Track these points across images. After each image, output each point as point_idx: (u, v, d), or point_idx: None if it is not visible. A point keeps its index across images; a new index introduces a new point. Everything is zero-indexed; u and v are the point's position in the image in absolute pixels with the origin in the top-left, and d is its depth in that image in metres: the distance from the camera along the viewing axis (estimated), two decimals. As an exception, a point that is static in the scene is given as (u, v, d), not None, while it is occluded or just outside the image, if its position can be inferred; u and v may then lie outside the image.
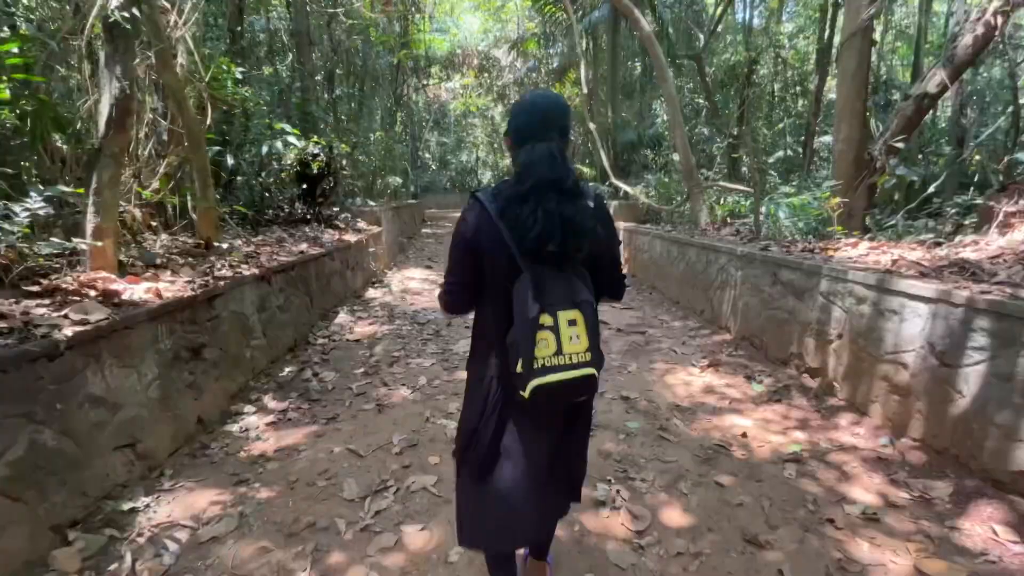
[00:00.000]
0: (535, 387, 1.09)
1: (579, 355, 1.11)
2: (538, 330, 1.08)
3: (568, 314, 1.10)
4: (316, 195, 6.62)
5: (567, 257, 1.12)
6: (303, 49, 10.22)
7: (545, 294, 1.09)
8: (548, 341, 1.09)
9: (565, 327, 1.10)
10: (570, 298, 1.11)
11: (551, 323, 1.09)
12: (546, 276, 1.11)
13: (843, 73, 5.65)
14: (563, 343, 1.09)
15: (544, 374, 1.09)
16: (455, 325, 4.91)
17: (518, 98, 1.29)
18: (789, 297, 3.45)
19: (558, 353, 1.09)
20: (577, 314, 1.11)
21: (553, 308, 1.10)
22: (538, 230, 1.08)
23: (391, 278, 7.20)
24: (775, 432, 2.73)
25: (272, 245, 4.70)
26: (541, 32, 11.66)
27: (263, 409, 2.99)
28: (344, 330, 4.57)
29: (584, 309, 1.12)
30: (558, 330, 1.09)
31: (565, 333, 1.10)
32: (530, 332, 1.08)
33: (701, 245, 4.88)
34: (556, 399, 1.15)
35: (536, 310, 1.08)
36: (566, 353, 1.09)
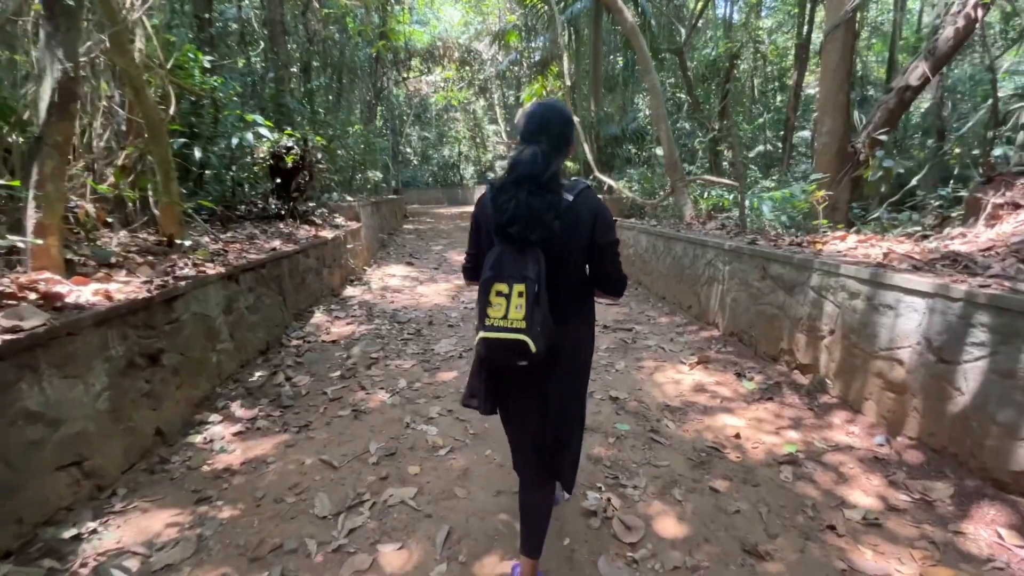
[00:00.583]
0: (480, 338, 1.33)
1: (518, 322, 1.27)
2: (492, 294, 1.30)
3: (519, 287, 1.28)
4: (291, 190, 6.36)
5: (526, 239, 1.30)
6: (277, 38, 9.88)
7: (503, 266, 1.30)
8: (501, 305, 1.29)
9: (516, 297, 1.28)
10: (521, 273, 1.29)
11: (506, 291, 1.29)
12: (508, 252, 1.32)
13: (826, 66, 5.62)
14: (510, 310, 1.28)
15: (489, 331, 1.30)
16: (436, 324, 4.75)
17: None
18: (779, 292, 3.37)
19: (504, 317, 1.28)
20: (523, 287, 1.28)
21: (511, 280, 1.29)
22: (508, 215, 1.28)
23: (371, 275, 6.98)
24: (769, 432, 2.64)
25: (242, 242, 4.46)
26: (523, 24, 11.46)
27: (230, 418, 2.80)
28: (320, 331, 4.36)
29: (528, 284, 1.28)
30: (510, 298, 1.28)
31: (514, 302, 1.28)
32: (484, 293, 1.31)
33: (688, 240, 4.80)
34: (495, 354, 1.35)
35: (490, 276, 1.30)
36: (510, 319, 1.28)
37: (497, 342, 1.30)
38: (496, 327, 1.29)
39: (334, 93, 12.67)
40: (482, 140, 27.33)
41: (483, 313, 1.31)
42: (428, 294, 5.98)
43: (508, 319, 1.28)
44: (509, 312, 1.28)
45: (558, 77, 12.05)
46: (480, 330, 1.32)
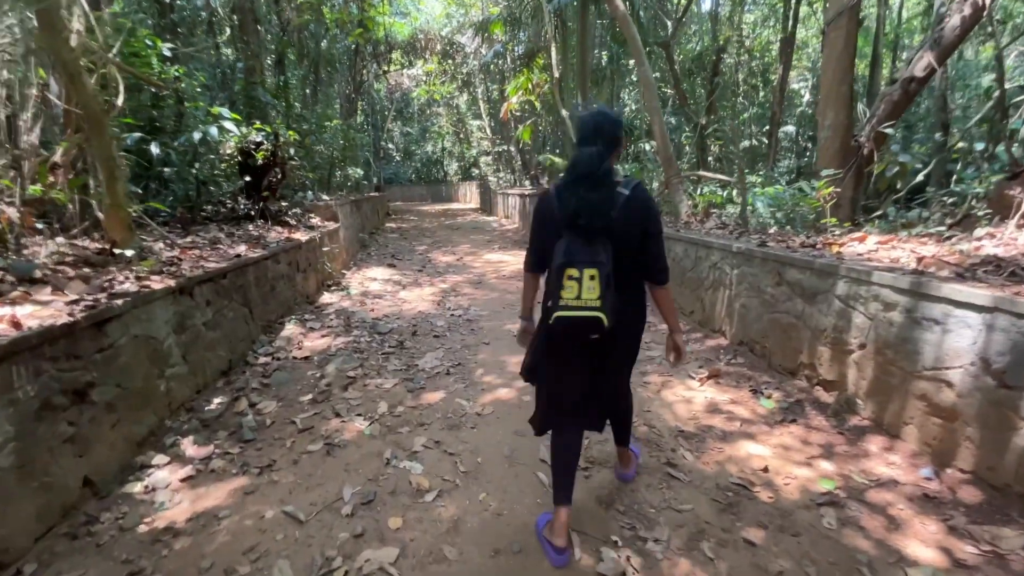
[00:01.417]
0: (556, 317, 1.52)
1: (592, 300, 1.48)
2: (565, 278, 1.50)
3: (590, 271, 1.48)
4: (261, 188, 5.89)
5: (591, 229, 1.51)
6: (247, 27, 9.30)
7: (574, 253, 1.50)
8: (573, 288, 1.49)
9: (587, 280, 1.48)
10: (591, 258, 1.49)
11: (577, 275, 1.49)
12: (577, 241, 1.51)
13: (828, 57, 5.36)
14: (583, 291, 1.48)
15: (564, 310, 1.50)
16: (421, 334, 4.37)
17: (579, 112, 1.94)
18: (797, 300, 3.08)
19: (578, 297, 1.49)
20: (595, 271, 1.48)
21: (580, 265, 1.49)
22: (572, 208, 1.51)
23: (350, 279, 6.56)
24: (799, 463, 2.34)
25: (203, 248, 4.02)
26: (507, 14, 11.06)
27: (179, 458, 2.40)
28: (292, 345, 3.95)
29: (600, 268, 1.48)
30: (581, 281, 1.48)
31: (586, 284, 1.48)
32: (557, 277, 1.51)
33: (689, 240, 4.49)
34: (571, 330, 1.55)
35: (562, 261, 1.50)
36: (584, 299, 1.48)
37: (573, 319, 1.52)
38: (571, 306, 1.51)
39: (310, 86, 12.11)
40: (466, 136, 26.79)
41: (556, 295, 1.53)
42: (411, 300, 5.59)
43: (582, 299, 1.49)
44: (582, 293, 1.49)
45: (544, 69, 11.68)
46: (554, 309, 1.53)
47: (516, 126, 16.73)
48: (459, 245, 10.19)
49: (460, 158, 29.42)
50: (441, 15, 21.00)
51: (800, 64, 20.61)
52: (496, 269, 7.39)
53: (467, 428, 2.75)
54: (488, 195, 19.69)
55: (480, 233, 12.52)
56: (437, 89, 20.74)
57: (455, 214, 19.48)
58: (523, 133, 12.35)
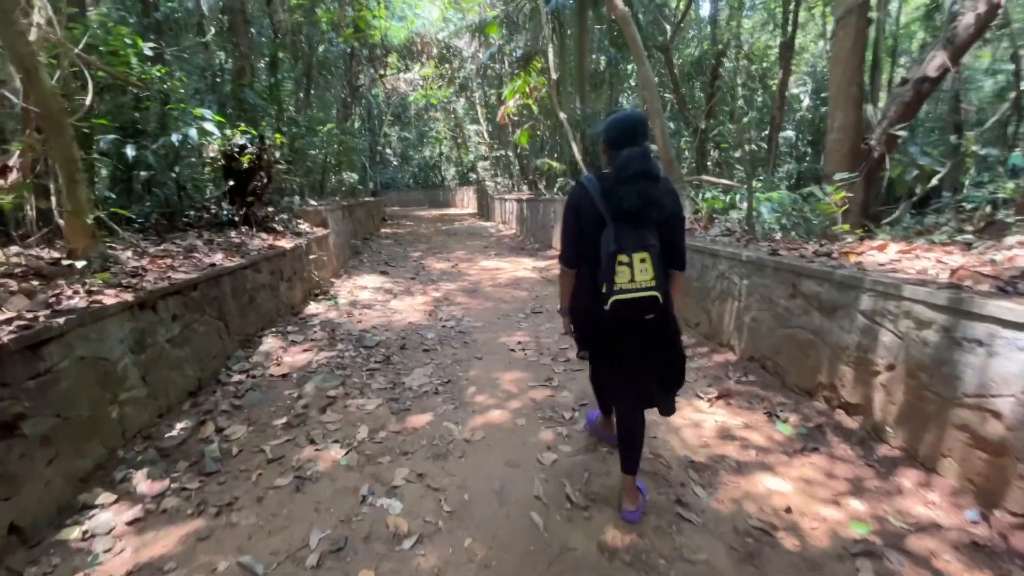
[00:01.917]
0: (613, 301, 1.68)
1: (647, 282, 1.66)
2: (616, 263, 1.66)
3: (640, 255, 1.65)
4: (246, 193, 5.64)
5: (642, 218, 1.67)
6: (237, 28, 9.09)
7: (623, 240, 1.66)
8: (625, 272, 1.66)
9: (637, 263, 1.65)
10: (641, 243, 1.66)
11: (627, 260, 1.66)
12: (625, 229, 1.67)
13: (837, 55, 5.15)
14: (635, 274, 1.66)
15: (620, 293, 1.66)
16: (410, 348, 4.11)
17: (610, 115, 1.86)
18: (814, 314, 2.83)
19: (631, 280, 1.66)
20: (646, 255, 1.66)
21: (629, 250, 1.65)
22: (631, 201, 1.65)
23: (339, 288, 6.30)
24: (825, 501, 2.08)
25: (176, 257, 3.76)
26: (504, 16, 10.86)
27: (128, 496, 2.13)
28: (270, 361, 3.69)
29: (651, 251, 1.67)
30: (632, 265, 1.65)
31: (637, 267, 1.65)
32: (610, 264, 1.66)
33: (694, 248, 4.25)
34: (629, 311, 1.70)
35: (614, 248, 1.65)
36: (637, 280, 1.66)
37: (628, 301, 1.65)
38: (625, 289, 1.64)
39: (303, 89, 11.89)
40: (463, 140, 26.62)
41: (610, 281, 1.65)
42: (402, 310, 5.33)
43: (635, 281, 1.64)
44: (635, 276, 1.64)
45: (541, 73, 11.49)
46: (610, 295, 1.66)
47: (514, 130, 16.53)
48: (454, 251, 9.94)
49: (458, 163, 29.25)
50: (438, 19, 20.87)
51: (798, 69, 20.52)
52: (492, 277, 7.14)
53: (454, 457, 2.49)
54: (486, 200, 19.48)
55: (477, 239, 12.28)
56: (434, 93, 20.55)
57: (452, 219, 19.25)
58: (521, 137, 12.14)
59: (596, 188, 1.75)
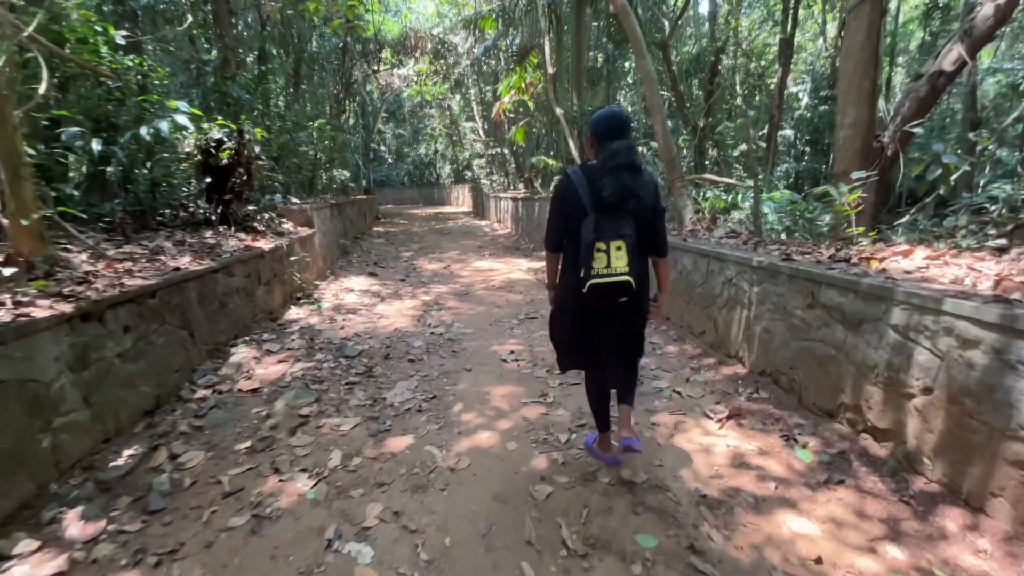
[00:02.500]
0: (590, 285, 1.84)
1: (621, 268, 1.83)
2: (594, 251, 1.82)
3: (616, 243, 1.82)
4: (225, 190, 5.33)
5: (620, 209, 1.85)
6: (221, 18, 8.75)
7: (601, 229, 1.82)
8: (602, 259, 1.82)
9: (613, 251, 1.82)
10: (618, 233, 1.83)
11: (604, 247, 1.82)
12: (604, 219, 1.84)
13: (848, 48, 4.89)
14: (611, 260, 1.82)
15: (596, 278, 1.83)
16: (394, 358, 3.83)
17: (597, 111, 2.03)
18: (836, 327, 2.57)
19: (607, 266, 1.82)
20: (622, 243, 1.83)
21: (606, 239, 1.82)
22: (610, 191, 1.81)
23: (324, 291, 5.99)
24: (858, 547, 1.81)
25: (139, 260, 3.46)
26: (500, 10, 10.55)
27: (53, 542, 1.84)
28: (240, 374, 3.39)
29: (627, 240, 1.84)
30: (609, 252, 1.82)
31: (614, 254, 1.82)
32: (588, 251, 1.83)
33: (698, 251, 3.98)
34: (604, 295, 1.87)
35: (592, 237, 1.82)
36: (613, 267, 1.82)
37: (605, 285, 1.84)
38: (601, 274, 1.83)
39: (291, 84, 11.54)
40: (459, 138, 26.27)
41: (588, 266, 1.84)
42: (389, 314, 5.04)
43: (611, 267, 1.82)
44: (611, 263, 1.82)
45: (537, 68, 11.19)
46: (587, 279, 1.84)
47: (509, 127, 16.22)
48: (447, 251, 9.65)
49: (453, 160, 28.89)
50: (432, 14, 20.51)
51: (796, 68, 20.32)
52: (485, 279, 6.85)
53: (435, 490, 2.21)
54: (481, 198, 19.18)
55: (471, 238, 11.99)
56: (429, 90, 20.21)
57: (446, 218, 18.94)
58: (516, 134, 11.85)
59: (580, 179, 1.92)
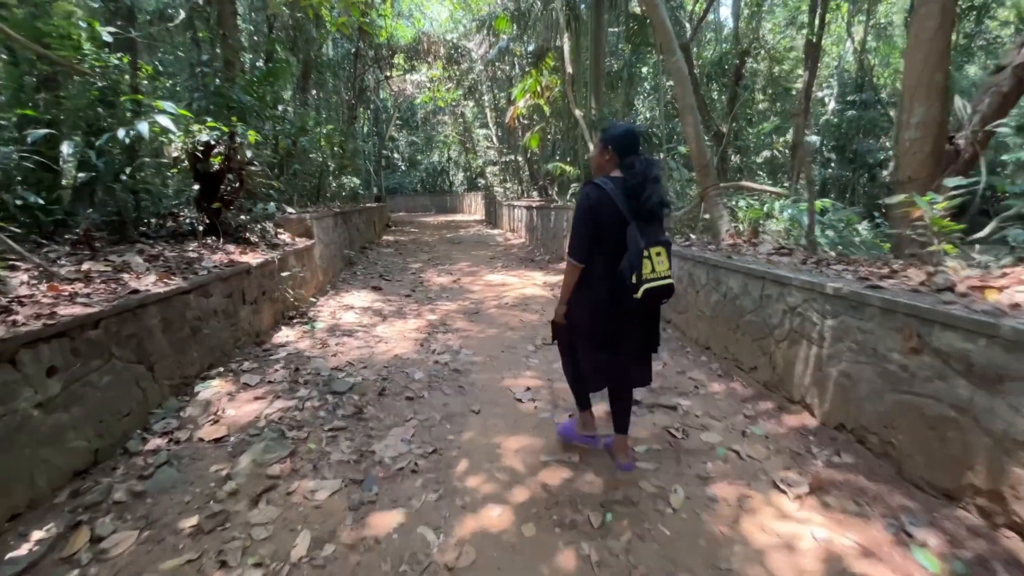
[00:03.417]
0: (645, 290, 1.96)
1: (664, 271, 2.01)
2: (643, 258, 1.95)
3: (656, 248, 1.99)
4: (215, 198, 4.87)
5: (656, 217, 2.04)
6: (225, 18, 8.42)
7: (648, 236, 1.98)
8: (647, 264, 1.97)
9: (654, 256, 1.98)
10: (657, 239, 2.00)
11: (647, 254, 1.97)
12: (645, 227, 2.00)
13: (917, 37, 4.25)
14: (655, 265, 1.99)
15: (649, 282, 1.97)
16: (390, 395, 3.28)
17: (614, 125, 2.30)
18: (957, 381, 1.95)
19: (652, 271, 1.98)
20: (662, 248, 2.01)
21: (650, 245, 1.97)
22: (655, 201, 1.98)
23: (321, 308, 5.49)
24: None
25: (97, 280, 2.98)
26: (515, 10, 10.08)
27: None
28: (206, 415, 2.86)
29: (665, 245, 2.03)
30: (651, 258, 1.97)
31: (655, 260, 1.98)
32: (639, 257, 1.95)
33: (748, 272, 3.38)
34: (654, 297, 2.01)
35: (643, 243, 1.96)
36: (658, 271, 1.99)
37: (655, 289, 1.98)
38: (650, 279, 1.97)
39: (299, 88, 11.19)
40: (472, 145, 25.90)
41: (639, 272, 1.95)
42: (389, 337, 4.50)
43: (656, 272, 1.98)
44: (655, 267, 1.98)
45: (554, 71, 10.68)
46: (640, 284, 1.95)
47: (523, 134, 15.75)
48: (458, 263, 9.12)
49: (466, 168, 28.54)
50: (446, 20, 20.21)
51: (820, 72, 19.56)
52: (497, 295, 6.30)
53: (428, 604, 1.64)
54: (493, 206, 18.71)
55: (483, 248, 11.46)
56: (442, 96, 19.87)
57: (458, 226, 18.49)
58: (531, 140, 11.34)
59: (614, 190, 2.02)
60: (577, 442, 2.53)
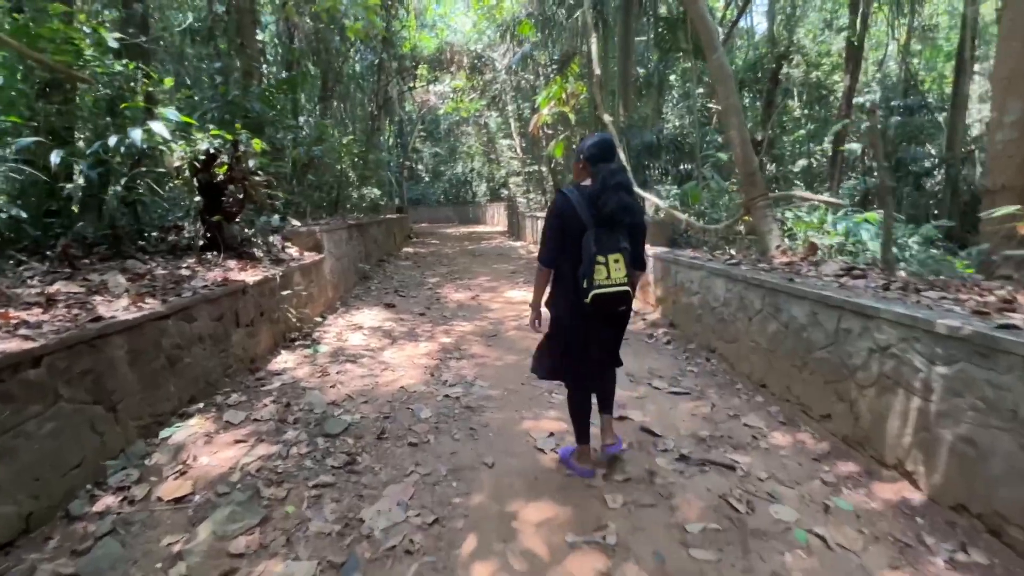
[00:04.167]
0: (593, 295, 2.01)
1: (620, 279, 2.03)
2: (596, 263, 2.01)
3: (614, 255, 2.02)
4: (217, 210, 4.56)
5: (617, 224, 2.05)
6: (245, 29, 8.29)
7: (601, 243, 2.02)
8: (602, 271, 2.01)
9: (612, 263, 2.02)
10: (616, 246, 2.04)
11: (603, 260, 2.01)
12: (603, 234, 2.04)
13: (1012, 25, 3.64)
14: (610, 272, 2.01)
15: (599, 288, 2.00)
16: (391, 438, 2.82)
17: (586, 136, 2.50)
18: None
19: (608, 277, 2.01)
20: (619, 255, 2.03)
21: (606, 252, 2.01)
22: (611, 208, 2.01)
23: (328, 328, 5.10)
24: None
25: (63, 303, 2.62)
26: (539, 14, 9.70)
27: None
28: (174, 464, 2.45)
29: (624, 253, 2.05)
30: (608, 264, 2.01)
31: (612, 267, 2.02)
32: (591, 264, 2.01)
33: (819, 298, 2.80)
34: (605, 304, 2.05)
35: (594, 251, 2.01)
36: (613, 278, 2.02)
37: (607, 295, 2.01)
38: (603, 285, 2.00)
39: (320, 98, 11.05)
40: (496, 155, 25.65)
41: (590, 278, 2.01)
42: (397, 364, 4.06)
43: (611, 279, 2.01)
44: (610, 274, 2.01)
45: (580, 77, 10.24)
46: (591, 289, 2.00)
47: (547, 143, 15.34)
48: (477, 277, 8.69)
49: (489, 178, 28.31)
50: (471, 31, 20.08)
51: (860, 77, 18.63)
52: (518, 314, 5.81)
53: None
54: (516, 217, 18.30)
55: (504, 261, 11.02)
56: (465, 106, 19.67)
57: (480, 237, 18.13)
58: (555, 149, 10.89)
59: (577, 197, 2.11)
60: (573, 472, 2.47)
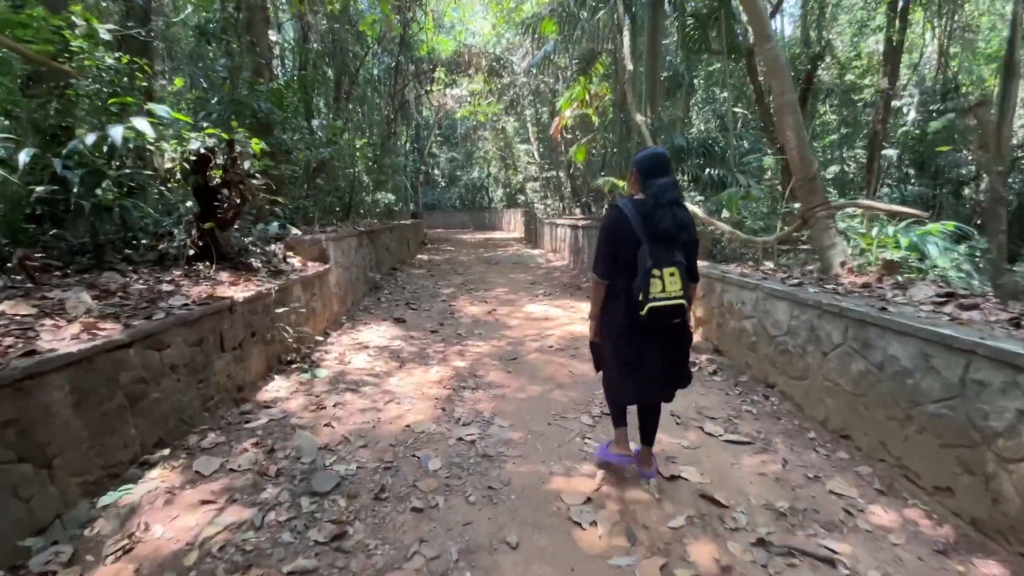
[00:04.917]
0: (649, 308, 2.01)
1: (676, 292, 2.03)
2: (651, 277, 2.01)
3: (669, 269, 2.02)
4: (206, 217, 4.12)
5: (673, 239, 2.06)
6: (256, 26, 7.96)
7: (657, 257, 2.02)
8: (657, 284, 2.01)
9: (667, 277, 2.02)
10: (671, 260, 2.04)
11: (659, 274, 2.01)
12: (658, 248, 2.04)
13: None
14: (666, 286, 2.01)
15: (655, 301, 2.01)
16: (392, 494, 2.30)
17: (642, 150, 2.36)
18: None
19: (663, 291, 2.01)
20: (675, 269, 2.03)
21: (660, 266, 2.02)
22: (667, 224, 2.02)
23: (330, 347, 4.62)
24: None
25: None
26: (562, 10, 9.22)
27: None
28: (118, 536, 1.95)
29: (679, 267, 2.04)
30: (663, 278, 2.01)
31: (667, 280, 2.01)
32: (646, 277, 2.02)
33: (934, 337, 2.20)
34: (661, 317, 2.03)
35: (650, 264, 2.01)
36: (668, 291, 2.02)
37: (662, 308, 2.01)
38: (658, 298, 2.01)
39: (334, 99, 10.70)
40: (512, 161, 25.22)
41: (646, 291, 2.01)
42: (404, 394, 3.54)
43: (666, 291, 2.01)
44: (665, 287, 2.01)
45: (605, 78, 9.70)
46: (646, 302, 2.00)
47: (566, 148, 14.84)
48: (494, 288, 8.17)
49: (506, 184, 27.88)
50: (489, 34, 19.72)
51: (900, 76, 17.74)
52: (539, 332, 5.26)
53: None
54: (534, 224, 17.78)
55: (522, 271, 10.48)
56: (483, 109, 19.27)
57: (496, 244, 17.63)
58: (577, 153, 10.36)
59: (632, 212, 2.10)
60: (611, 461, 2.47)
